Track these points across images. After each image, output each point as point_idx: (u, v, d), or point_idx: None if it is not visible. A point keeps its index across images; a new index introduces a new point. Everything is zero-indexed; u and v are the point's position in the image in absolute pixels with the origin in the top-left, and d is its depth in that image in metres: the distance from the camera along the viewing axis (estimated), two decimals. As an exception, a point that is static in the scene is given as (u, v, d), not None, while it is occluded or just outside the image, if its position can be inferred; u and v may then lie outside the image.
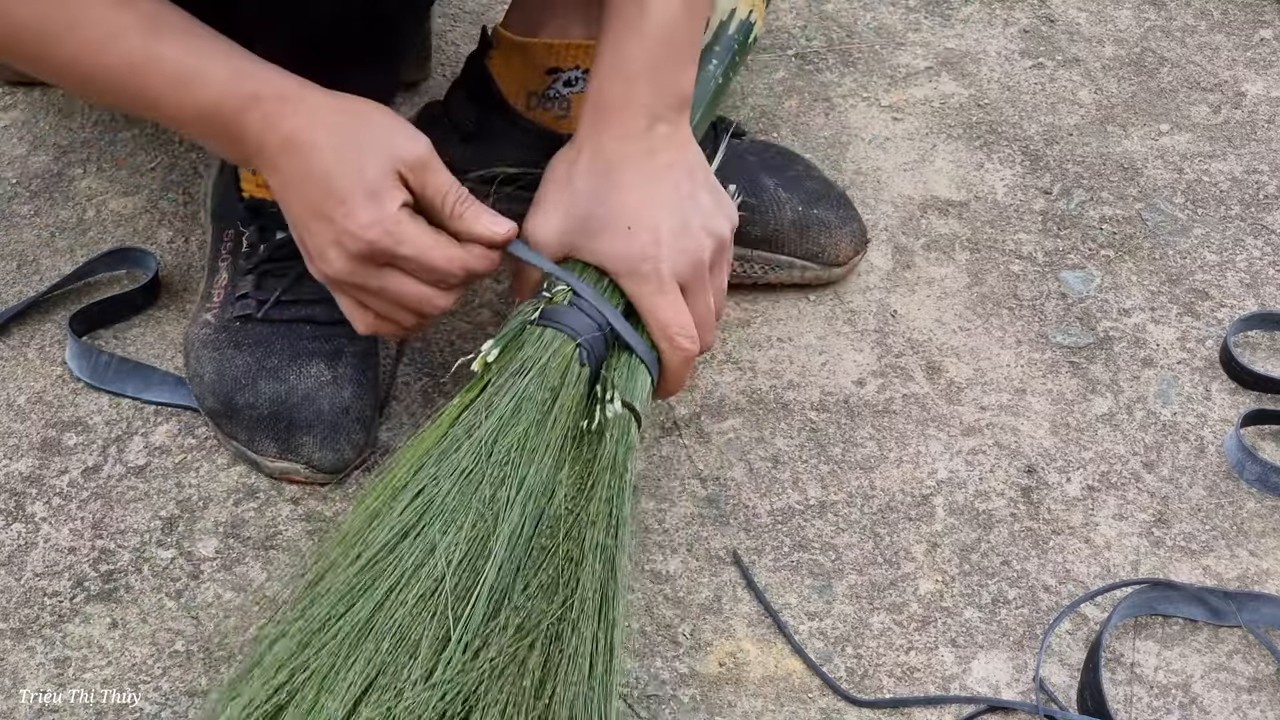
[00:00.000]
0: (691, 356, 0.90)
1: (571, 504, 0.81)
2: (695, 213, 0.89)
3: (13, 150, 1.25)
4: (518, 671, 0.73)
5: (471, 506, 0.78)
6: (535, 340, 0.85)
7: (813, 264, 1.13)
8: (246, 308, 1.02)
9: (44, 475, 1.00)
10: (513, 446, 0.81)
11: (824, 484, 1.02)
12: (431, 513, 0.78)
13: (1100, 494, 1.02)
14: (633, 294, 0.88)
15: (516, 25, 1.08)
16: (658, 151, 0.88)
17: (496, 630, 0.74)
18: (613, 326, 0.87)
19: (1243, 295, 1.17)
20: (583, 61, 1.06)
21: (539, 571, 0.77)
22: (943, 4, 1.48)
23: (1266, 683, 0.91)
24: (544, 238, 0.89)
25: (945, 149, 1.30)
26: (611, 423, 0.84)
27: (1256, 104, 1.37)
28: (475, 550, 0.77)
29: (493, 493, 0.79)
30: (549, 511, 0.80)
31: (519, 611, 0.76)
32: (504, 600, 0.76)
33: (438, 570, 0.75)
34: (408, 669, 0.72)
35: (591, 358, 0.86)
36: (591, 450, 0.84)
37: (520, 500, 0.79)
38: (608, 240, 0.88)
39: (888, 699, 0.89)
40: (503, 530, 0.77)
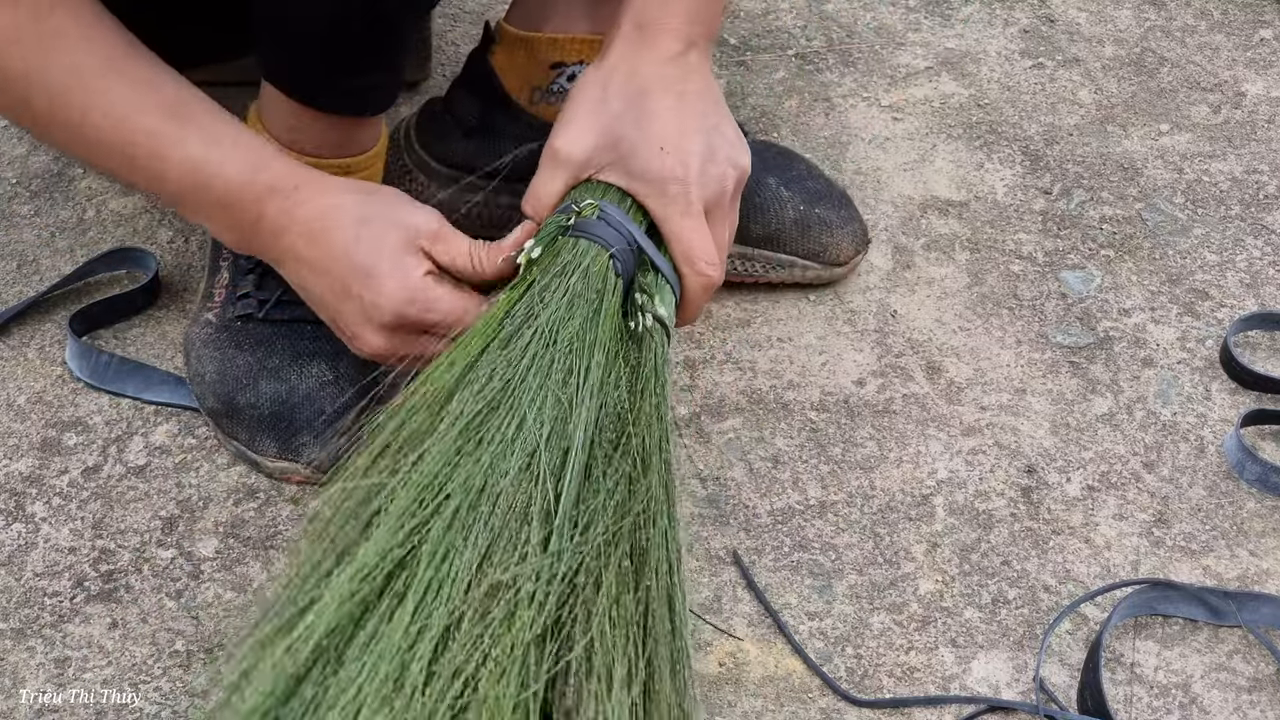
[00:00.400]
0: (713, 284, 0.90)
1: (629, 401, 0.81)
2: (721, 142, 0.89)
3: (13, 150, 1.25)
4: (619, 553, 0.73)
5: (547, 388, 0.78)
6: (570, 249, 0.85)
7: (814, 263, 1.13)
8: (248, 307, 1.02)
9: (44, 475, 1.00)
10: (574, 337, 0.81)
11: (824, 484, 1.02)
12: (513, 390, 0.78)
13: (1100, 494, 1.02)
14: (659, 216, 0.89)
15: (519, 20, 1.08)
16: (689, 78, 0.89)
17: (598, 508, 0.74)
18: (640, 245, 0.87)
19: (1243, 295, 1.17)
20: (587, 56, 1.06)
21: (618, 460, 0.77)
22: (943, 4, 1.48)
23: (1266, 683, 0.91)
24: (576, 155, 0.89)
25: (945, 149, 1.30)
26: (651, 331, 0.85)
27: (1256, 104, 1.37)
28: (558, 430, 0.77)
29: (563, 378, 0.79)
30: (608, 406, 0.80)
31: (611, 495, 0.75)
32: (587, 483, 0.76)
33: (529, 444, 0.75)
34: (522, 535, 0.72)
35: (624, 270, 0.86)
36: (636, 356, 0.84)
37: (590, 388, 0.79)
38: (641, 161, 0.88)
39: (888, 699, 0.89)
40: (579, 415, 0.77)
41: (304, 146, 1.00)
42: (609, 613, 0.70)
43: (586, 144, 0.89)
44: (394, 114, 1.16)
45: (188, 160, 0.85)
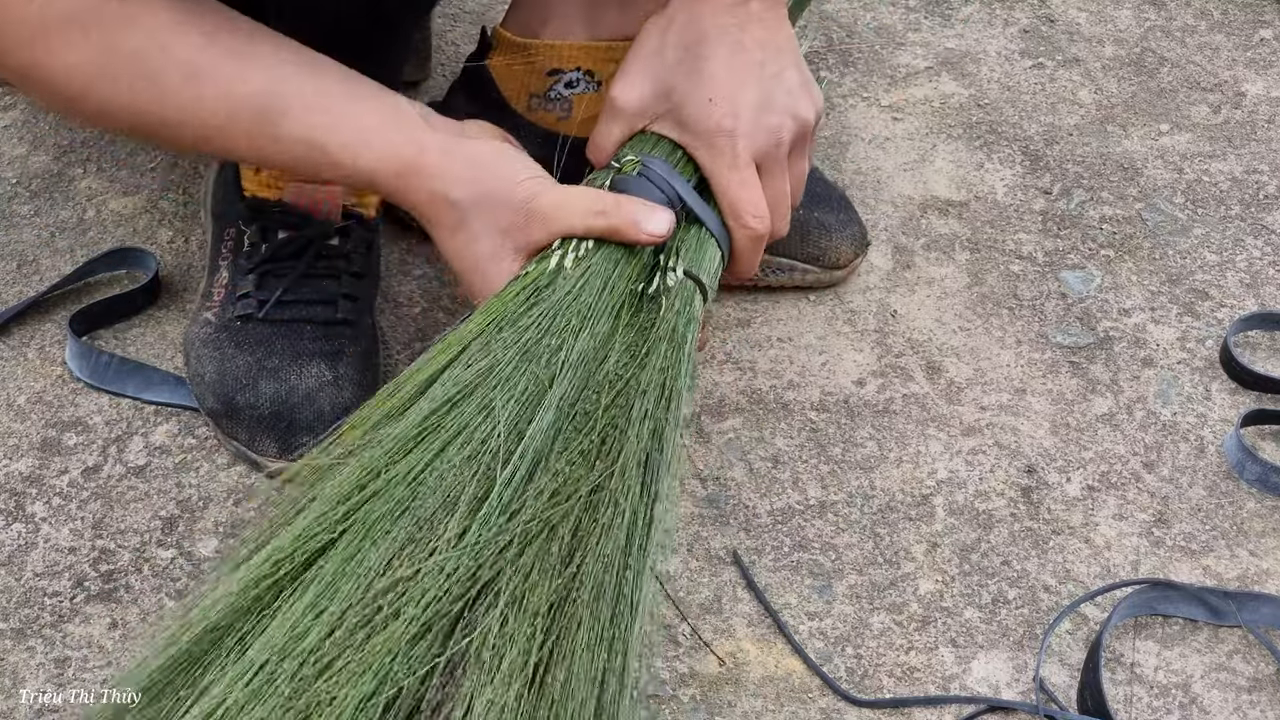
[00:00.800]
0: (761, 237, 0.89)
1: (623, 370, 0.80)
2: (780, 91, 0.88)
3: (13, 150, 1.25)
4: (547, 538, 0.72)
5: (527, 370, 0.77)
6: None
7: (813, 267, 1.13)
8: (248, 307, 1.02)
9: (44, 475, 1.00)
10: (575, 313, 0.80)
11: (824, 484, 1.02)
12: (491, 374, 0.78)
13: (1100, 494, 1.02)
14: (706, 168, 0.88)
15: (516, 26, 1.08)
16: (750, 26, 0.88)
17: (533, 495, 0.73)
18: (684, 200, 0.86)
19: (1243, 295, 1.17)
20: (584, 62, 1.05)
21: (581, 437, 0.76)
22: (943, 4, 1.48)
23: (1266, 683, 0.91)
24: (629, 104, 0.89)
25: (945, 149, 1.30)
26: (673, 291, 0.83)
27: (1256, 104, 1.37)
28: (525, 414, 0.76)
29: (548, 357, 0.78)
30: (595, 377, 0.79)
31: (556, 476, 0.74)
32: (542, 464, 0.75)
33: (486, 430, 0.75)
34: (445, 525, 0.72)
35: None
36: (649, 317, 0.83)
37: (572, 364, 0.78)
38: (690, 111, 0.87)
39: (888, 699, 0.89)
40: (553, 395, 0.77)
41: None
42: (509, 606, 0.70)
43: (640, 93, 0.88)
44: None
45: (295, 148, 0.83)
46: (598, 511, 0.74)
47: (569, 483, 0.75)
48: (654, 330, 0.82)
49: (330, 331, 1.02)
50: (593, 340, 0.80)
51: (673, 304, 0.83)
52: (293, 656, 0.68)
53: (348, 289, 1.03)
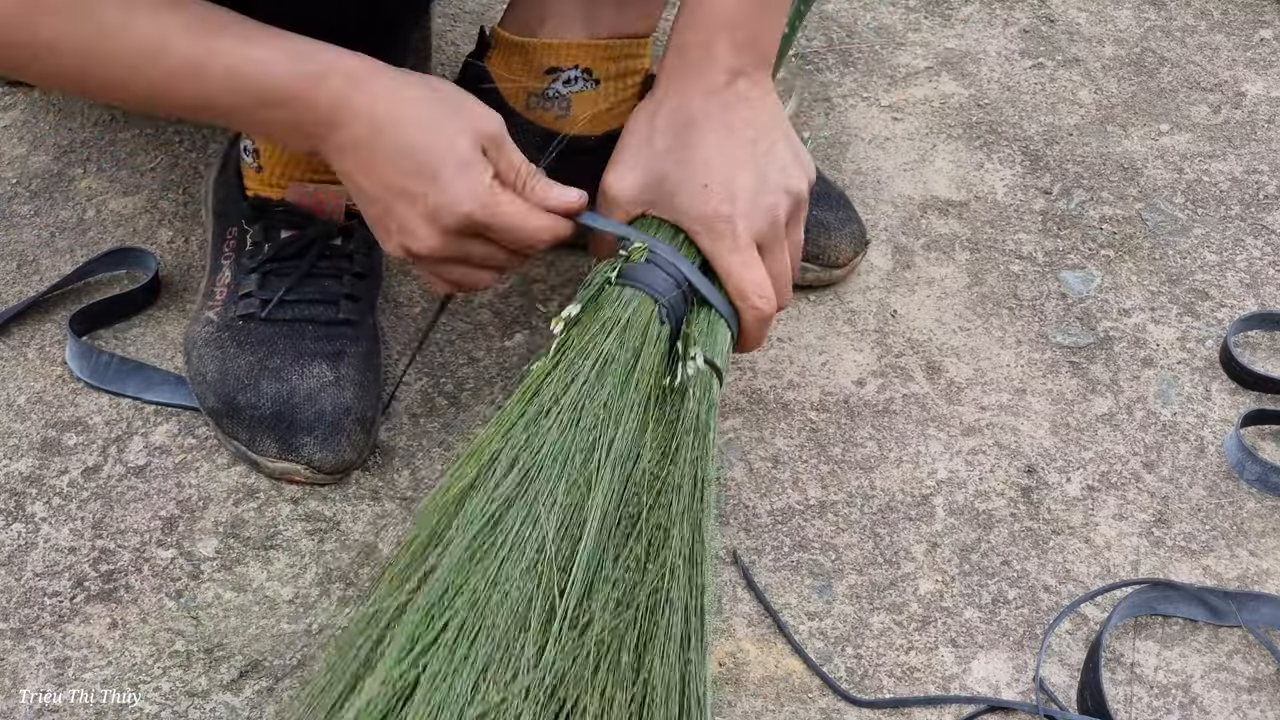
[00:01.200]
0: (768, 316, 0.89)
1: (657, 468, 0.80)
2: (773, 169, 0.88)
3: (13, 150, 1.25)
4: (617, 650, 0.73)
5: (565, 475, 0.77)
6: (614, 300, 0.85)
7: (813, 266, 1.13)
8: (250, 307, 1.02)
9: (44, 475, 1.00)
10: (600, 411, 0.80)
11: (824, 484, 1.02)
12: (529, 482, 0.78)
13: (1100, 494, 1.02)
14: (709, 252, 0.88)
15: (514, 25, 1.07)
16: (737, 107, 0.88)
17: (599, 607, 0.74)
18: (691, 283, 0.86)
19: (1243, 295, 1.17)
20: (582, 60, 1.05)
21: (631, 542, 0.77)
22: (943, 4, 1.48)
23: (1266, 683, 0.91)
24: (622, 194, 0.89)
25: (945, 149, 1.30)
26: (694, 380, 0.84)
27: (1256, 104, 1.37)
28: (572, 519, 0.76)
29: (583, 460, 0.78)
30: (634, 478, 0.79)
31: (617, 586, 0.75)
32: (599, 572, 0.76)
33: (537, 541, 0.75)
34: (520, 643, 0.72)
35: (672, 315, 0.86)
36: (674, 410, 0.83)
37: (610, 466, 0.78)
38: (685, 199, 0.87)
39: (888, 699, 0.89)
40: (595, 499, 0.77)
41: None
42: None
43: (633, 182, 0.89)
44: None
45: (228, 70, 0.82)
46: (656, 615, 0.75)
47: (629, 591, 0.75)
48: (680, 423, 0.82)
49: (332, 332, 1.02)
50: (625, 440, 0.80)
51: (694, 393, 0.84)
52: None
53: (350, 289, 1.03)
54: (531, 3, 1.07)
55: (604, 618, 0.74)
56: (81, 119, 1.27)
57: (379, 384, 1.04)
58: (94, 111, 1.28)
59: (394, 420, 1.04)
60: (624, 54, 1.05)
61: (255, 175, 1.05)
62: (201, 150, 1.25)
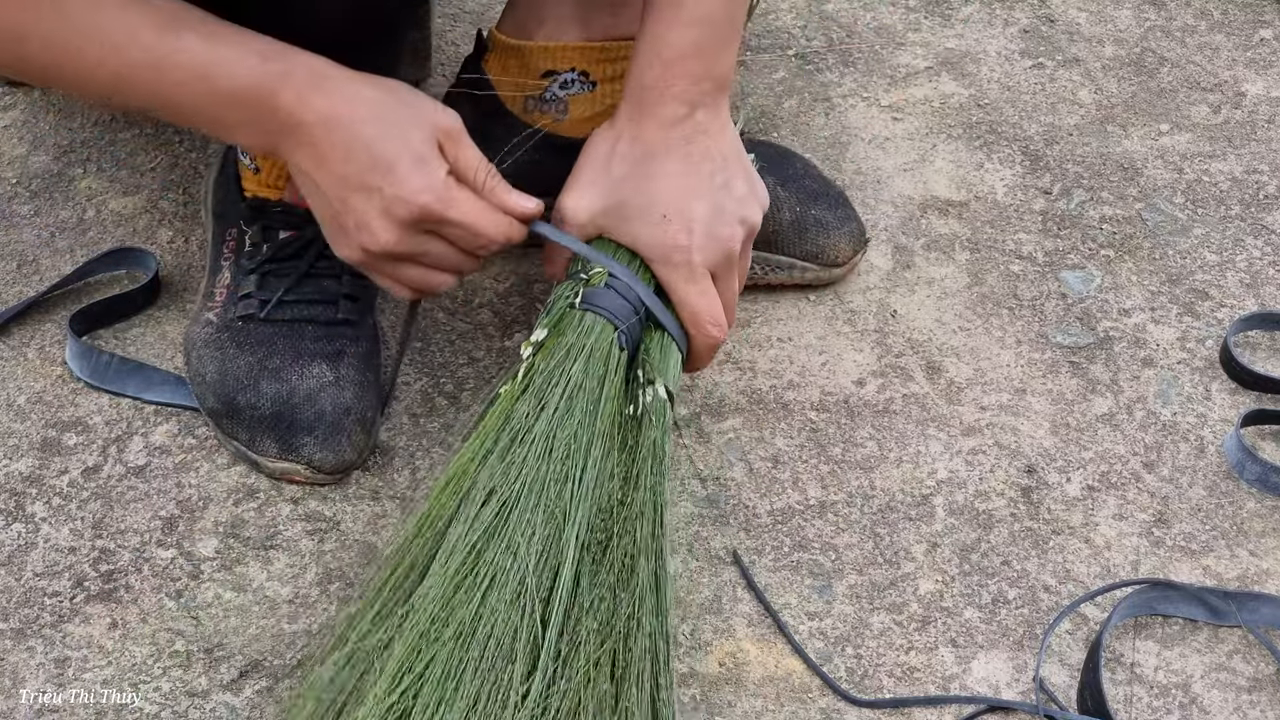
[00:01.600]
0: (720, 342, 0.92)
1: (621, 495, 0.82)
2: (729, 200, 0.90)
3: (13, 150, 1.25)
4: (599, 677, 0.75)
5: (542, 505, 0.79)
6: (577, 325, 0.86)
7: (812, 264, 1.13)
8: (249, 307, 1.02)
9: (44, 475, 1.00)
10: (571, 440, 0.81)
11: (824, 484, 1.02)
12: (508, 513, 0.79)
13: (1100, 494, 1.02)
14: (665, 281, 0.90)
15: (511, 29, 1.07)
16: (695, 138, 0.89)
17: (584, 636, 0.76)
18: (647, 307, 0.88)
19: (1243, 295, 1.17)
20: (578, 63, 1.05)
21: (603, 571, 0.79)
22: (943, 4, 1.48)
23: (1266, 683, 0.91)
24: (578, 217, 0.91)
25: (945, 149, 1.30)
26: (651, 407, 0.86)
27: (1256, 104, 1.37)
28: (550, 550, 0.78)
29: (558, 490, 0.80)
30: (602, 506, 0.81)
31: (595, 615, 0.77)
32: (577, 600, 0.77)
33: (520, 572, 0.77)
34: (508, 675, 0.74)
35: (629, 341, 0.87)
36: (634, 438, 0.85)
37: (583, 496, 0.80)
38: (642, 228, 0.89)
39: (888, 699, 0.89)
40: (571, 530, 0.79)
41: None
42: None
43: (589, 206, 0.90)
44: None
45: (191, 66, 0.82)
46: (630, 641, 0.77)
47: (606, 619, 0.77)
48: (639, 450, 0.84)
49: (332, 332, 1.02)
50: (594, 469, 0.81)
51: (652, 420, 0.86)
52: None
53: (349, 289, 1.03)
54: (528, 6, 1.07)
55: (587, 648, 0.75)
56: (81, 119, 1.28)
57: (379, 384, 1.04)
58: (94, 111, 1.28)
59: (394, 420, 1.04)
60: (620, 56, 1.05)
61: (253, 176, 1.05)
62: (201, 150, 1.25)
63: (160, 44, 0.82)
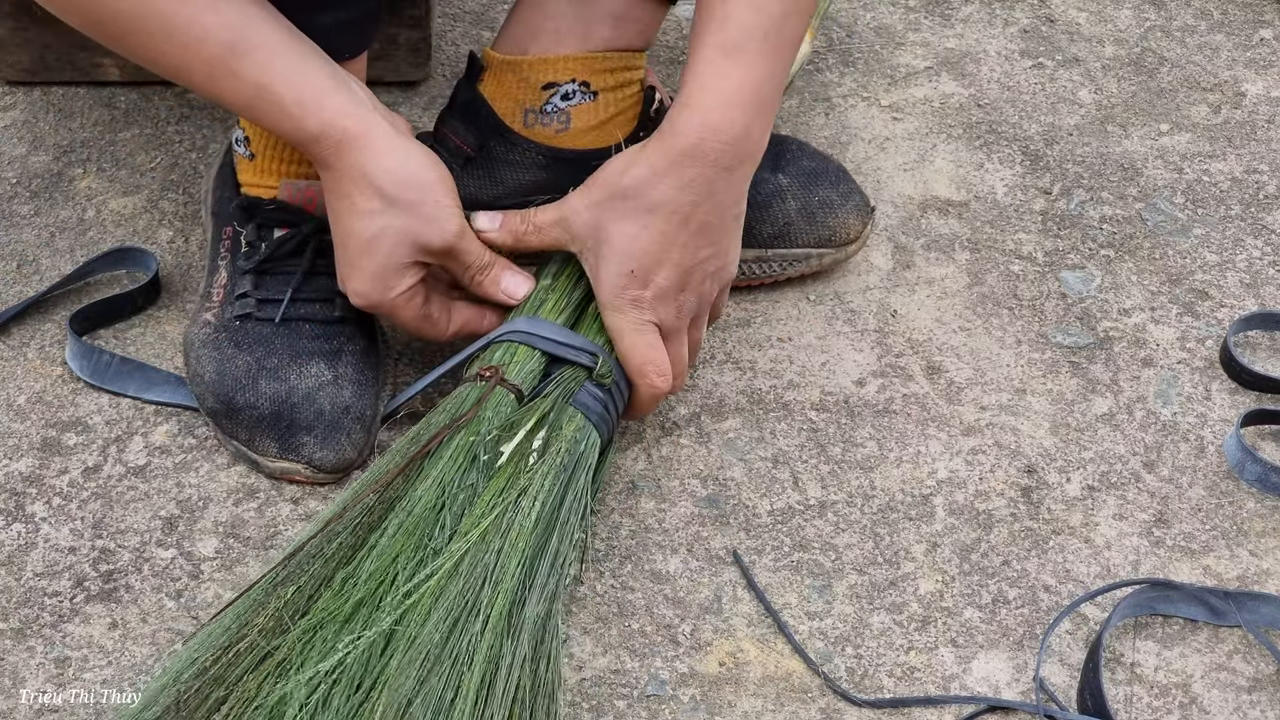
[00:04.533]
0: (663, 393, 0.95)
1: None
2: (698, 273, 0.93)
3: (13, 150, 1.25)
4: None
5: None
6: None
7: (827, 249, 1.12)
8: (246, 307, 1.02)
9: (44, 475, 1.00)
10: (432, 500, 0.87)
11: (824, 484, 1.02)
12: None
13: (1100, 494, 1.02)
14: (612, 327, 0.94)
15: (506, 47, 1.06)
16: (701, 204, 0.91)
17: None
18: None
19: (1243, 295, 1.17)
20: (579, 74, 1.04)
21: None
22: (943, 4, 1.48)
23: (1266, 683, 0.91)
24: (571, 223, 0.94)
25: (945, 149, 1.30)
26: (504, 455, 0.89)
27: (1256, 104, 1.37)
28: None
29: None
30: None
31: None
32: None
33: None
34: None
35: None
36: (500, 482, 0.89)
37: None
38: (609, 269, 0.92)
39: (888, 699, 0.89)
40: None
41: None
42: None
43: (584, 220, 0.93)
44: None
45: (247, 89, 0.86)
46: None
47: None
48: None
49: (330, 330, 1.02)
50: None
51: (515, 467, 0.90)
52: None
53: (346, 287, 1.03)
54: (524, 22, 1.05)
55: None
56: (81, 119, 1.28)
57: (378, 382, 1.04)
58: (94, 111, 1.28)
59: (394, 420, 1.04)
60: (620, 66, 1.05)
61: (248, 164, 1.05)
62: (201, 150, 1.25)
63: (223, 58, 0.85)
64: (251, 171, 1.05)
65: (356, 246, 0.92)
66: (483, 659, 0.79)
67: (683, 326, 0.95)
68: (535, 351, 0.93)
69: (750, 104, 0.89)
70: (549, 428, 0.90)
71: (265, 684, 0.78)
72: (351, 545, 0.85)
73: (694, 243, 0.91)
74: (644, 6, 1.04)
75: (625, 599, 0.94)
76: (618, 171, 0.92)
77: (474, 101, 1.06)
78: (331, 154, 0.89)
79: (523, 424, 0.89)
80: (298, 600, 0.82)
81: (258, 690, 0.78)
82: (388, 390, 1.06)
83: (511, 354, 0.93)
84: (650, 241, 0.91)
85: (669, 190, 0.90)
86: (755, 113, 0.90)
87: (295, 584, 0.83)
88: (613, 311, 0.93)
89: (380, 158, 0.89)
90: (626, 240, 0.91)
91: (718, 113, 0.89)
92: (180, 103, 1.29)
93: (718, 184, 0.90)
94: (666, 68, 1.37)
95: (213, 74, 0.86)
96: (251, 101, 0.87)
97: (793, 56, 0.92)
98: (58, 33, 1.25)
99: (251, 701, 0.78)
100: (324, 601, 0.82)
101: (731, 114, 0.89)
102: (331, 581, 0.83)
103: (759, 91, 0.89)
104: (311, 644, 0.80)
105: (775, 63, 0.90)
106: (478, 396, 0.91)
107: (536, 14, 1.04)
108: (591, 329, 0.96)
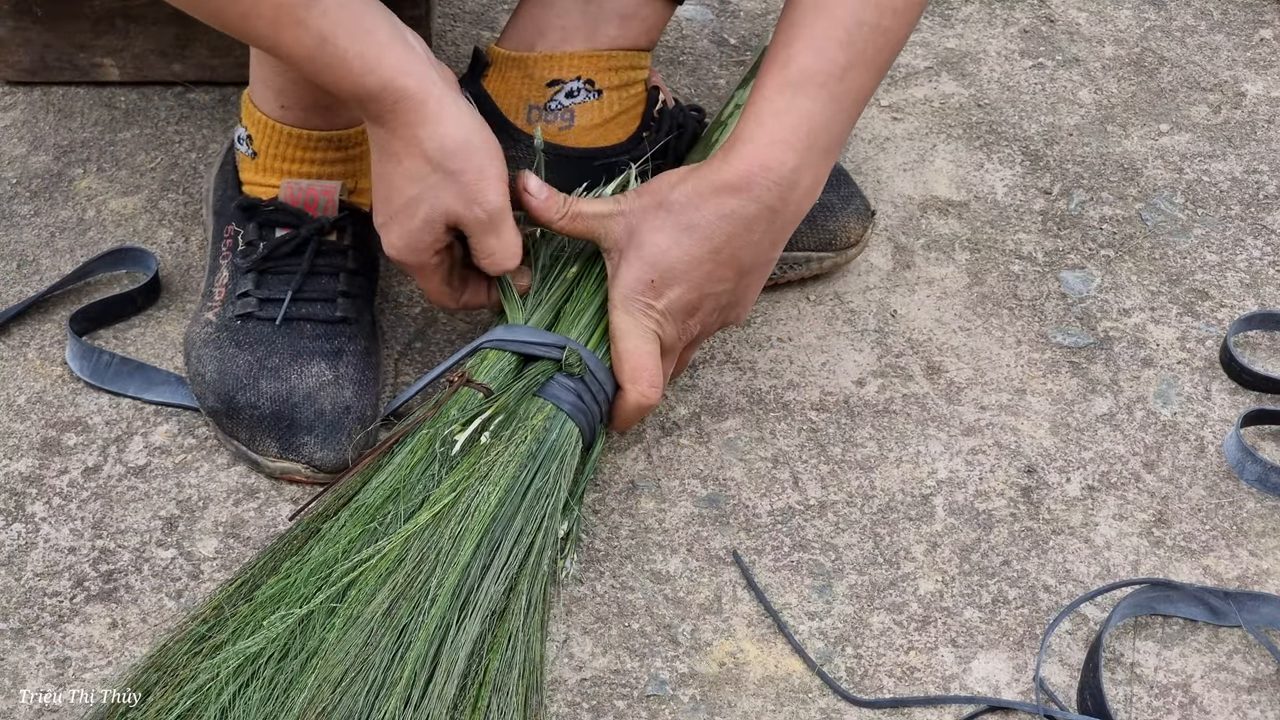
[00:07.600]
0: (651, 405, 0.94)
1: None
2: (710, 304, 0.93)
3: (13, 150, 1.25)
4: None
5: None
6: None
7: (828, 253, 1.12)
8: (248, 306, 1.02)
9: (44, 475, 1.00)
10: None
11: (824, 484, 1.02)
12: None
13: (1100, 494, 1.02)
14: (615, 325, 0.93)
15: (511, 43, 1.07)
16: (738, 237, 0.91)
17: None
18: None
19: (1243, 295, 1.17)
20: (584, 71, 1.05)
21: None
22: (943, 4, 1.48)
23: (1266, 683, 0.91)
24: (616, 215, 0.94)
25: (945, 149, 1.30)
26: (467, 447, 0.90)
27: (1256, 104, 1.37)
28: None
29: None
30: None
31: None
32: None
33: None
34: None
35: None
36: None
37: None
38: (633, 272, 0.92)
39: (888, 699, 0.89)
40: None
41: (293, 120, 1.00)
42: None
43: (627, 223, 0.93)
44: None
45: (310, 40, 0.84)
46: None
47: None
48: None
49: (330, 330, 1.02)
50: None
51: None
52: None
53: (346, 286, 1.03)
54: (531, 19, 1.06)
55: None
56: (81, 119, 1.28)
57: (379, 382, 1.04)
58: (94, 111, 1.28)
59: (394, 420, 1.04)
60: (626, 64, 1.05)
61: (250, 162, 1.05)
62: (201, 150, 1.25)
63: (290, 6, 0.83)
64: (253, 170, 1.05)
65: (400, 204, 0.91)
66: (426, 637, 0.80)
67: (679, 348, 0.96)
68: (505, 353, 0.94)
69: (803, 147, 0.89)
70: (511, 417, 0.91)
71: (194, 664, 0.80)
72: (303, 536, 0.87)
73: (718, 272, 0.92)
74: (651, 6, 1.04)
75: (625, 599, 0.94)
76: (669, 184, 0.92)
77: (478, 97, 1.06)
78: (388, 113, 0.87)
79: (482, 415, 0.90)
80: (242, 591, 0.84)
81: (188, 671, 0.80)
82: (388, 390, 1.06)
83: (482, 358, 0.94)
84: (677, 258, 0.91)
85: (708, 215, 0.90)
86: (807, 157, 0.89)
87: (242, 577, 0.85)
88: (622, 311, 0.93)
89: (433, 124, 0.88)
90: (657, 250, 0.91)
91: (768, 150, 0.89)
92: (180, 103, 1.29)
93: (757, 223, 0.90)
94: (666, 68, 1.37)
95: (278, 20, 0.83)
96: (313, 54, 0.85)
97: (856, 112, 0.92)
98: (58, 33, 1.25)
99: (180, 686, 0.79)
100: (265, 588, 0.83)
101: (783, 153, 0.89)
102: (278, 570, 0.85)
103: (813, 135, 0.89)
104: (246, 626, 0.81)
105: (835, 112, 0.90)
106: (439, 398, 0.92)
107: (544, 11, 1.04)
108: (575, 329, 0.96)
